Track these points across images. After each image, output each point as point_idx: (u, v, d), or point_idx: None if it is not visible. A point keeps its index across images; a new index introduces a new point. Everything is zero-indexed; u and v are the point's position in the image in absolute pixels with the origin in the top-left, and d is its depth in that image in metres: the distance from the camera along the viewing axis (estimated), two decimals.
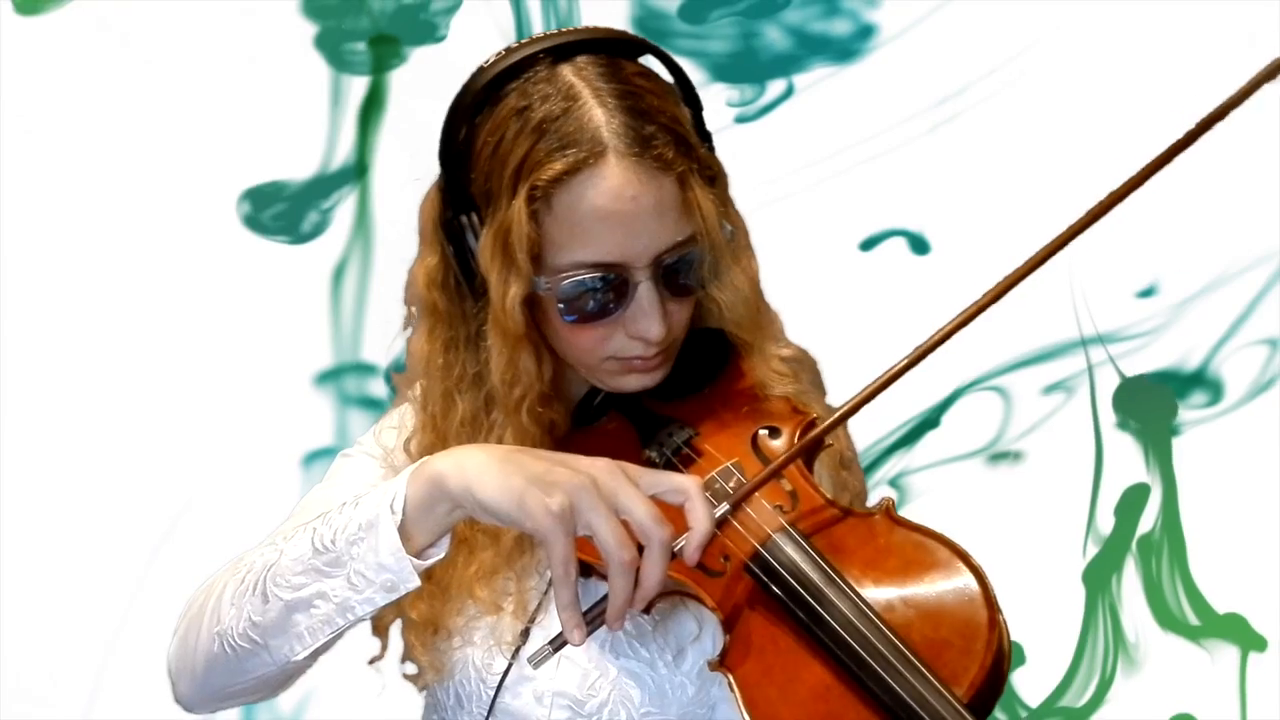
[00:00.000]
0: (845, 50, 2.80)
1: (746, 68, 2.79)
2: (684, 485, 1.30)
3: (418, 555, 1.33)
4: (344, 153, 2.83)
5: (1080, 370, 2.84)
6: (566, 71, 1.45)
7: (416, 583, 1.33)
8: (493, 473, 1.29)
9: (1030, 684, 2.81)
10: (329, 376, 2.85)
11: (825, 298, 2.39)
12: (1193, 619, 2.82)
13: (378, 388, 2.84)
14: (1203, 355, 2.82)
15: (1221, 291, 2.80)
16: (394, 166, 2.80)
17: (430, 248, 1.54)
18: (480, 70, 1.48)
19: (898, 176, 2.76)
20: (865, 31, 2.80)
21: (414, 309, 1.58)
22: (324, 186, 2.83)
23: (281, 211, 2.83)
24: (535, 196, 1.43)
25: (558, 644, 1.31)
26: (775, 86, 2.80)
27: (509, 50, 1.48)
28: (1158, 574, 2.83)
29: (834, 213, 2.77)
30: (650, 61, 1.51)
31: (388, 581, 1.33)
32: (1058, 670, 2.82)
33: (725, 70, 2.76)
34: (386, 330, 1.71)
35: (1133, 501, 2.84)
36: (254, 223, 2.83)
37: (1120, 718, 2.81)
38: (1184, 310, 2.82)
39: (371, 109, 2.82)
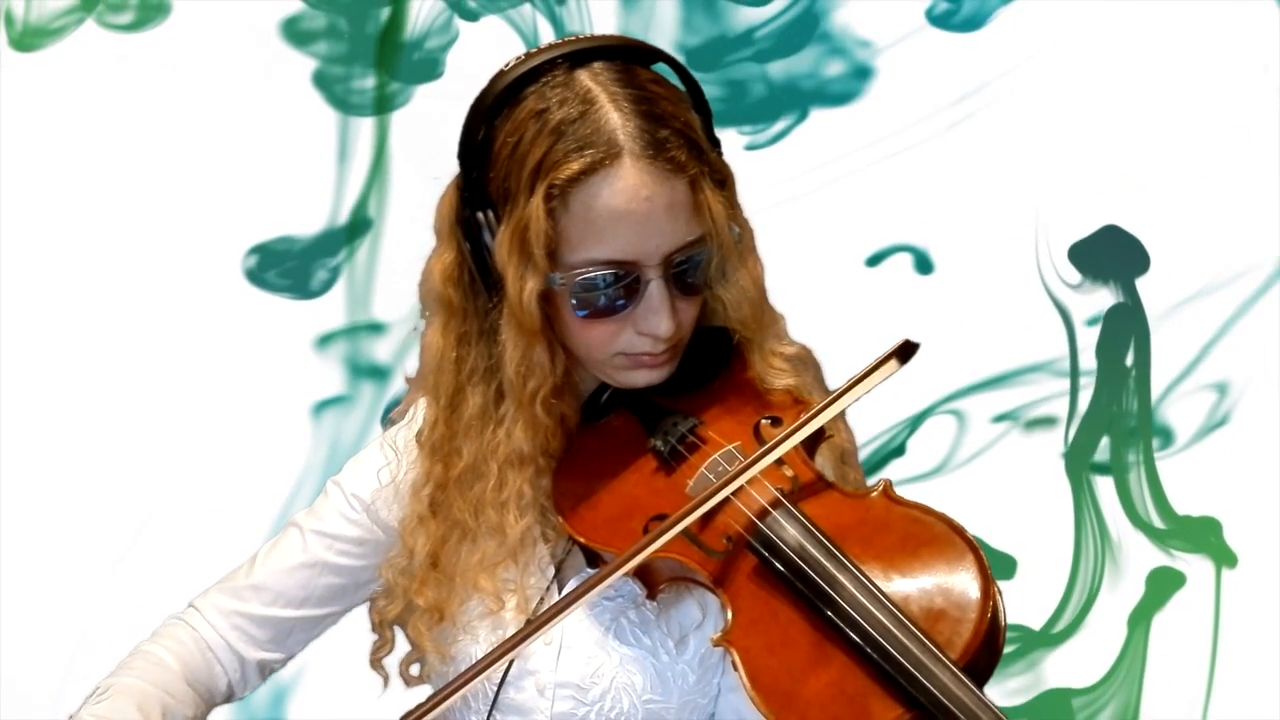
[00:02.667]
0: (844, 94, 2.85)
1: (747, 113, 2.84)
2: None
3: None
4: (353, 201, 2.87)
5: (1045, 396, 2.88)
6: (583, 76, 1.50)
7: None
8: None
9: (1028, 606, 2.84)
10: (339, 335, 2.88)
11: (830, 311, 2.43)
12: (1158, 522, 2.85)
13: (385, 348, 2.87)
14: (1153, 399, 2.86)
15: (1170, 332, 2.85)
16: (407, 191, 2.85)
17: (447, 244, 1.58)
18: (500, 74, 1.53)
19: (907, 190, 2.81)
20: (862, 73, 2.85)
21: (428, 304, 1.62)
22: (333, 241, 2.87)
23: (290, 269, 2.87)
24: (553, 195, 1.47)
25: None
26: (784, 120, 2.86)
27: (527, 55, 1.53)
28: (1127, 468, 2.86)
29: (841, 226, 2.82)
30: (663, 69, 1.56)
31: None
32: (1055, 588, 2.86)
33: (725, 116, 2.81)
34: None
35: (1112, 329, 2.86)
36: (258, 279, 2.87)
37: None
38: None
39: (380, 150, 2.86)
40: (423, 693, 1.63)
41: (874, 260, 2.84)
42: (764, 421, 1.53)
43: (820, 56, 2.84)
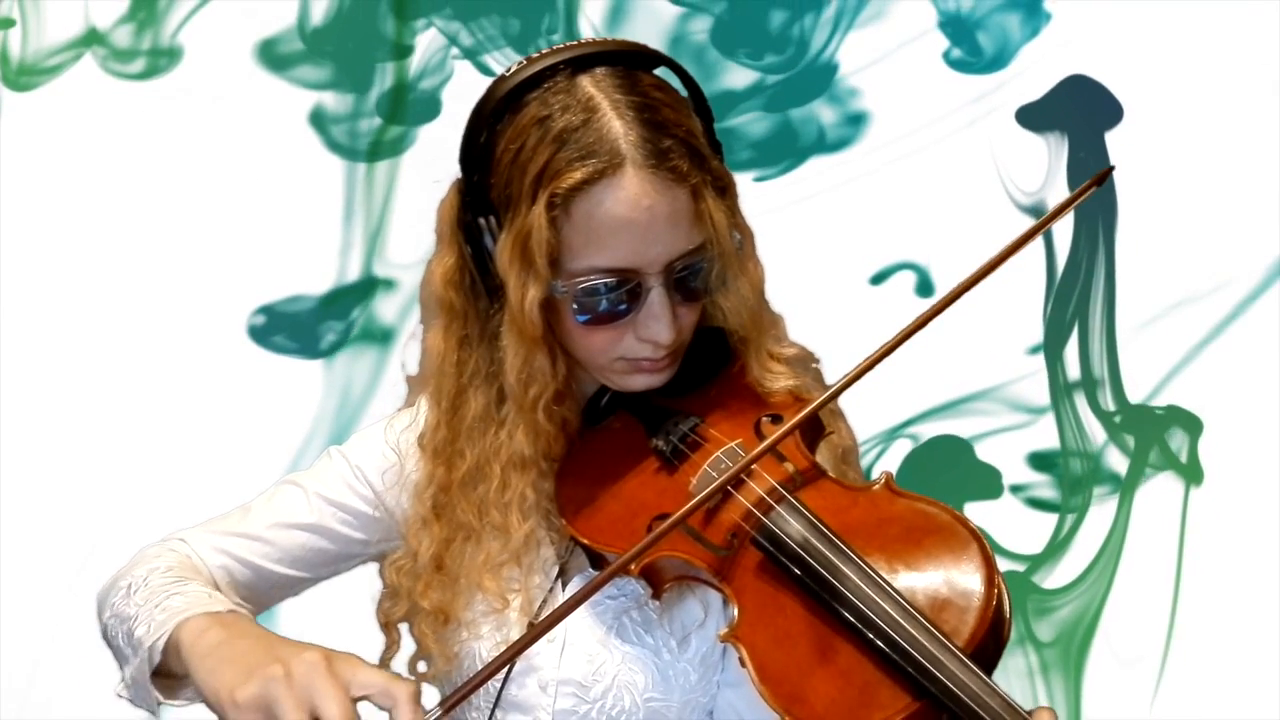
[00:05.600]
0: (841, 140, 2.88)
1: (752, 161, 2.86)
2: (393, 690, 1.31)
3: (176, 685, 1.45)
4: (361, 253, 2.87)
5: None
6: (585, 83, 1.50)
7: (155, 714, 1.47)
8: (208, 658, 1.38)
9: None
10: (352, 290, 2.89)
11: (833, 326, 2.47)
12: (1110, 405, 2.86)
13: (390, 305, 2.87)
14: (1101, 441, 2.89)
15: (1165, 335, 2.87)
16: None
17: (448, 248, 1.59)
18: (501, 79, 1.53)
19: (913, 209, 2.83)
20: (856, 119, 2.87)
21: (429, 306, 1.63)
22: (341, 301, 2.87)
23: (298, 329, 2.88)
24: (555, 203, 1.47)
25: None
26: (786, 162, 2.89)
27: (529, 60, 1.53)
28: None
29: (847, 243, 2.84)
30: (665, 73, 1.57)
31: (140, 696, 1.46)
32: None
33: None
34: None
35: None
36: (265, 338, 2.87)
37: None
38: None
39: (387, 195, 2.87)
40: (430, 689, 1.63)
41: (878, 278, 2.86)
42: (765, 419, 1.54)
43: (824, 103, 2.86)
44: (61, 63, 2.82)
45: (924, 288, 2.84)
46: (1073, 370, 2.86)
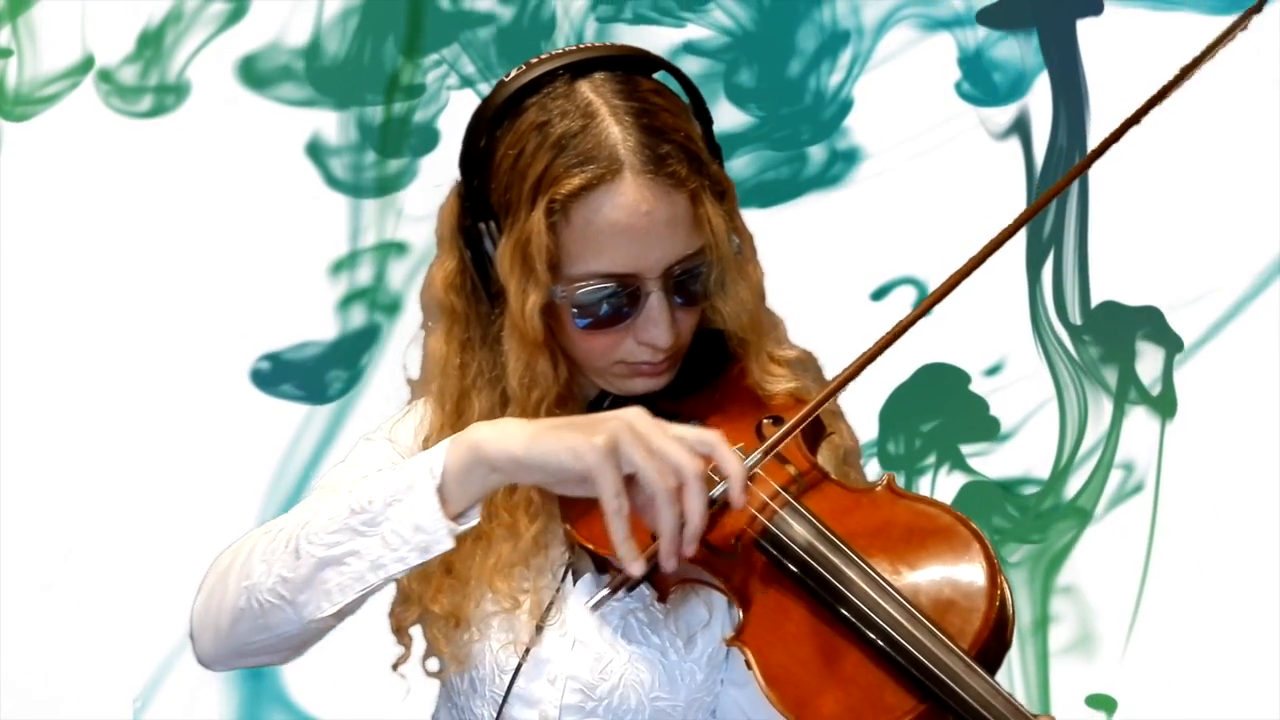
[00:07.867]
0: (841, 173, 2.88)
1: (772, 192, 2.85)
2: (708, 437, 1.38)
3: (453, 520, 1.40)
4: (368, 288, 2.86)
5: None
6: (584, 88, 1.51)
7: (449, 545, 1.40)
8: (534, 433, 1.38)
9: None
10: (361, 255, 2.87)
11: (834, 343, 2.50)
12: (1076, 319, 2.85)
13: (400, 270, 2.85)
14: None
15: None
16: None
17: (449, 252, 1.60)
18: (501, 84, 1.54)
19: (913, 224, 2.84)
20: (849, 155, 2.87)
21: (430, 311, 1.64)
22: (348, 346, 2.86)
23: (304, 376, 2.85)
24: (554, 209, 1.49)
25: (616, 584, 1.40)
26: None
27: (529, 65, 1.54)
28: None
29: (846, 259, 2.85)
30: (664, 77, 1.58)
31: (422, 542, 1.40)
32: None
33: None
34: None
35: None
36: (266, 383, 2.85)
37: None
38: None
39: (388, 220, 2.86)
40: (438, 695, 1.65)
41: (879, 294, 2.86)
42: (766, 421, 1.54)
43: (827, 135, 2.87)
44: (58, 92, 2.81)
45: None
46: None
